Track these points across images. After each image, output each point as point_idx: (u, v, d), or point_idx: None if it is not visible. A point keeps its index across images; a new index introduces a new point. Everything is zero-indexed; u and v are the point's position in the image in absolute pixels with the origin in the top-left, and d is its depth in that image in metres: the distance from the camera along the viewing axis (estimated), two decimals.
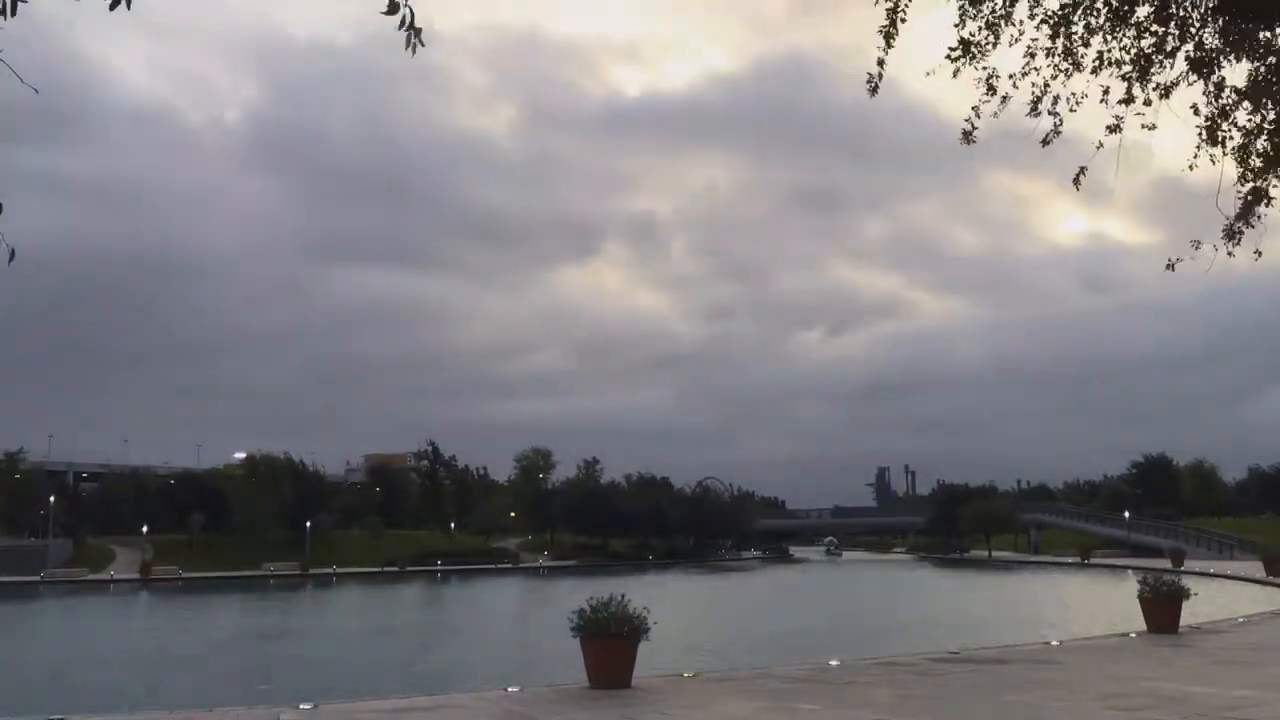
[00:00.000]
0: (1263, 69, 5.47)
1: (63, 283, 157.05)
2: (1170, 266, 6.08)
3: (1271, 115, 5.60)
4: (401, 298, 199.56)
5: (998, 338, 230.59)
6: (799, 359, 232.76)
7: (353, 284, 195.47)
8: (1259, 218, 5.81)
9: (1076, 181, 6.16)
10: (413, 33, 3.73)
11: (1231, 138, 5.75)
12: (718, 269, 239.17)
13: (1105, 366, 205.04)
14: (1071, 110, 5.97)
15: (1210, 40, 5.54)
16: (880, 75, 5.96)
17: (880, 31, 5.78)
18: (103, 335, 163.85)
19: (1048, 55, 5.83)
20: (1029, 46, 5.84)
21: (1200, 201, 5.85)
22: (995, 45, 5.82)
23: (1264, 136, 5.65)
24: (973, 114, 6.07)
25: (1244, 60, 5.54)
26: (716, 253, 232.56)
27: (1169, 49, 5.68)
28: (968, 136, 6.16)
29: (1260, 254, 5.94)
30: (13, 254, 3.89)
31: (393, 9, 3.68)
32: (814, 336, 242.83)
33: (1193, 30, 5.59)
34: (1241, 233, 5.85)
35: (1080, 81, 5.90)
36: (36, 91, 4.05)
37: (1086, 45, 5.79)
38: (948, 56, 5.88)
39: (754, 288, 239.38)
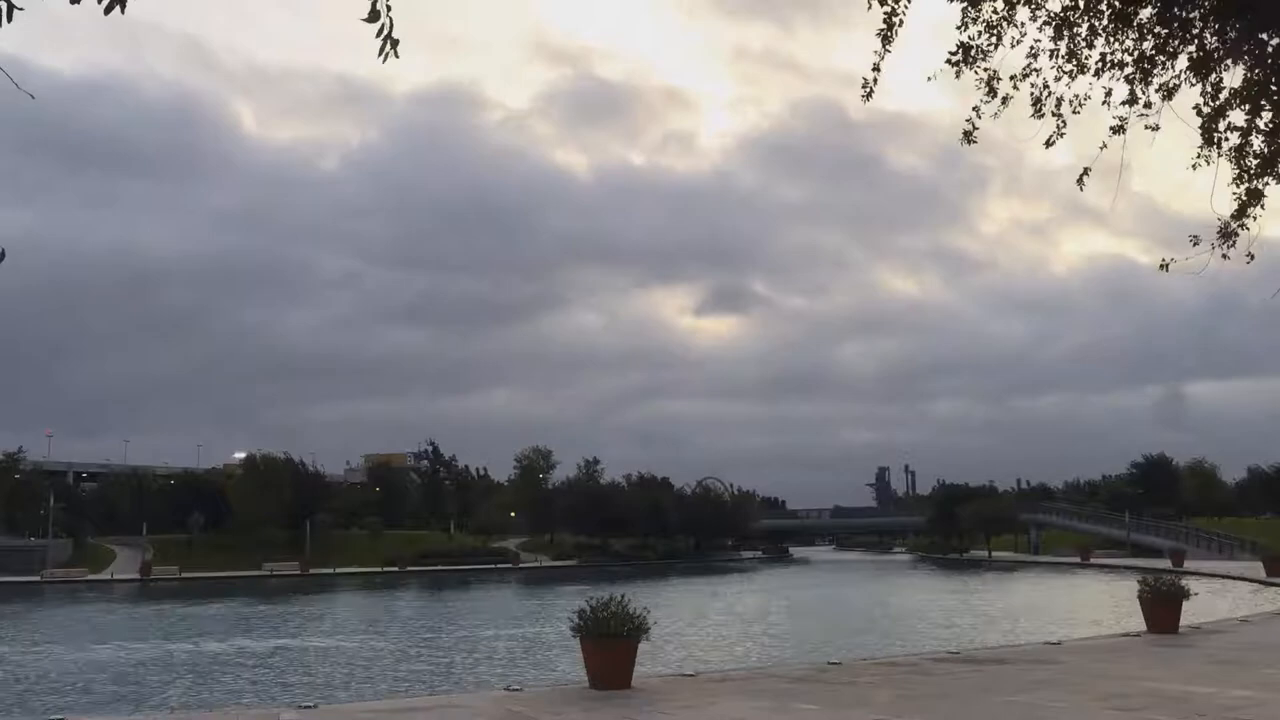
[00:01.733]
0: (1259, 71, 5.47)
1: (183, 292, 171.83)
2: (1164, 267, 6.09)
3: (1267, 117, 5.60)
4: (453, 305, 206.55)
5: (1000, 338, 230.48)
6: (805, 358, 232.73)
7: (424, 294, 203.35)
8: (1254, 219, 5.82)
9: (1080, 182, 6.17)
10: (389, 41, 3.74)
11: (1228, 139, 5.76)
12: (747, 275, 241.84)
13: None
14: (1075, 112, 5.97)
15: (1210, 42, 5.54)
16: (875, 80, 5.95)
17: (878, 35, 5.77)
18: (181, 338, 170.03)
19: (1050, 56, 5.83)
20: (1032, 47, 5.84)
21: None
22: (997, 47, 5.82)
23: (1260, 138, 5.65)
24: (974, 114, 6.08)
25: (1241, 63, 5.54)
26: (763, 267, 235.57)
27: (1171, 51, 5.68)
28: (968, 137, 6.17)
29: (1252, 257, 5.94)
30: (2, 254, 3.93)
31: (373, 17, 3.69)
32: (818, 336, 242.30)
33: (1194, 32, 5.59)
34: (1236, 234, 5.86)
35: (1083, 84, 5.91)
36: (32, 97, 4.07)
37: (1090, 46, 5.79)
38: (948, 61, 5.88)
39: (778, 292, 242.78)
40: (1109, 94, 5.89)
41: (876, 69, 5.91)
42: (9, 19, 3.60)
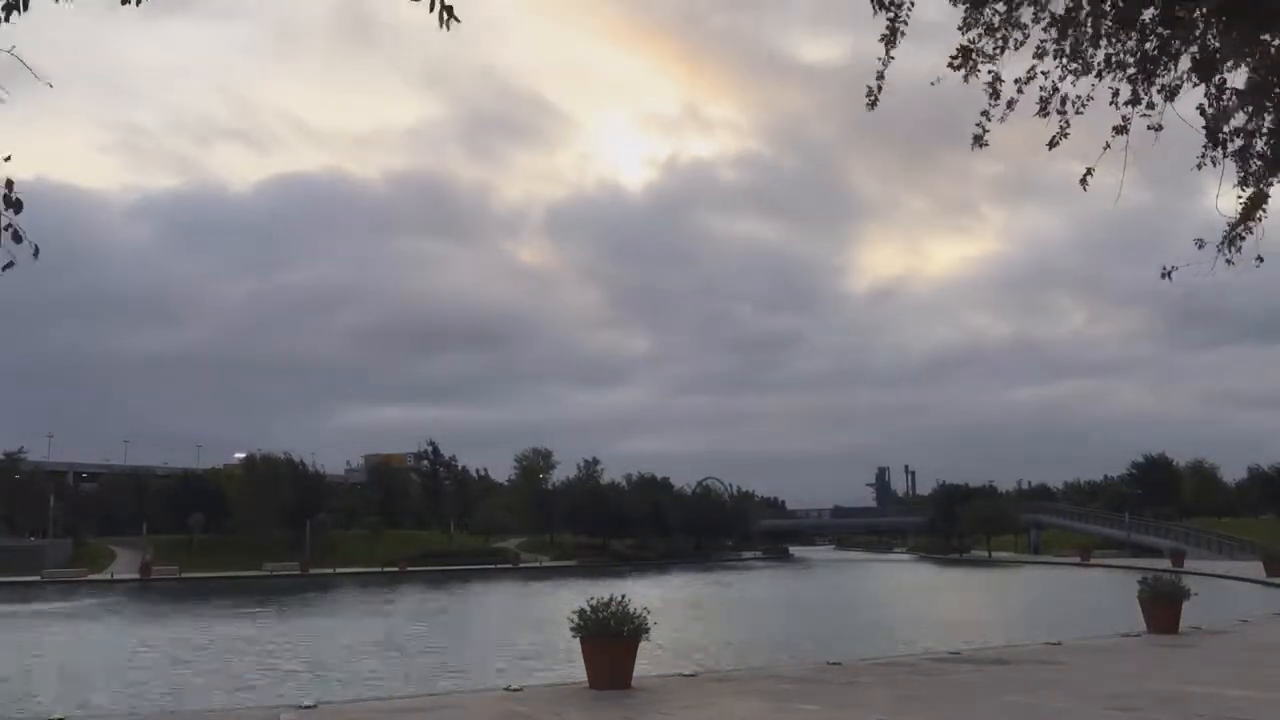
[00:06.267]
0: (1263, 72, 5.45)
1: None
2: (1166, 275, 6.04)
3: (1270, 119, 5.58)
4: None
5: (997, 337, 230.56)
6: (803, 357, 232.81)
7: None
8: (1259, 220, 5.79)
9: (1084, 183, 6.14)
10: (445, 11, 3.74)
11: (1232, 141, 5.74)
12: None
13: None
14: (1078, 112, 5.95)
15: (1213, 43, 5.52)
16: (880, 88, 5.92)
17: (881, 40, 5.75)
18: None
19: (1055, 56, 5.80)
20: (1038, 48, 5.81)
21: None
22: (1002, 50, 5.79)
23: (1263, 140, 5.63)
24: (983, 119, 6.05)
25: (1244, 63, 5.52)
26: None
27: (1174, 51, 5.66)
28: (978, 141, 6.15)
29: (1262, 260, 5.90)
30: (36, 250, 3.95)
31: None
32: (816, 335, 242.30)
33: (1197, 33, 5.57)
34: (1241, 236, 5.83)
35: (1085, 84, 5.89)
36: (50, 86, 4.14)
37: (1096, 46, 5.77)
38: (950, 65, 5.86)
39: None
40: (1116, 94, 5.87)
41: (880, 76, 5.88)
42: (25, 8, 3.68)
